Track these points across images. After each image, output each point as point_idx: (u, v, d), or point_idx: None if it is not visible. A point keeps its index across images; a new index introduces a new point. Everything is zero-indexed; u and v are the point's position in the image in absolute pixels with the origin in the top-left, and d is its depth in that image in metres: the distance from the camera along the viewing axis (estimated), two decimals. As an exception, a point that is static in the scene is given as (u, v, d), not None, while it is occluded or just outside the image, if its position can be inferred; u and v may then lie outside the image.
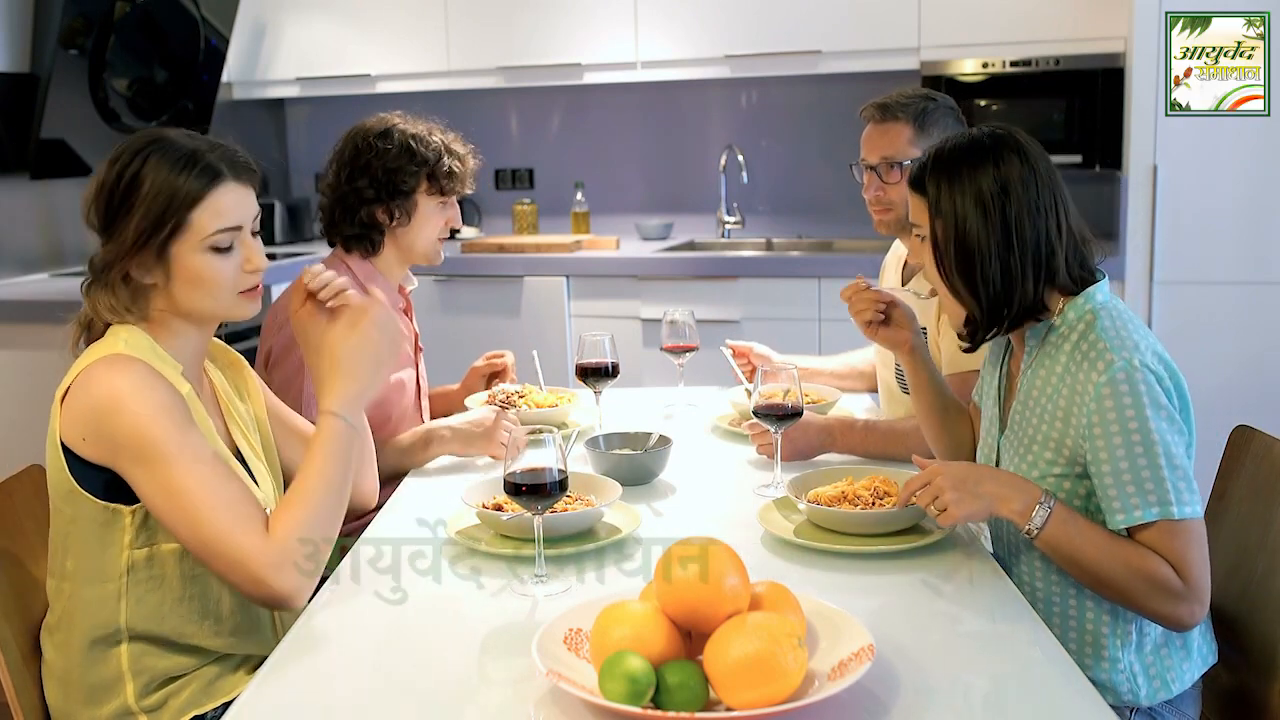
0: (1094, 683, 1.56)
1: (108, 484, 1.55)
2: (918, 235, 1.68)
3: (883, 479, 1.79)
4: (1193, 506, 1.49)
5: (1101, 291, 1.62)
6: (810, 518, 1.75)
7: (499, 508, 1.73)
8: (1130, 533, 1.52)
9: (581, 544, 1.68)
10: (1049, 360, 1.62)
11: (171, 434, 1.50)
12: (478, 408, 2.27)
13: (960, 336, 1.69)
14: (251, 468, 1.70)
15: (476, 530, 1.76)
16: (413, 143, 2.22)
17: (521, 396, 2.41)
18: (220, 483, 1.51)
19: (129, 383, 1.51)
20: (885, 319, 1.91)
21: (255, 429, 1.78)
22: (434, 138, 2.26)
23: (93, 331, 1.63)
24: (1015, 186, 1.58)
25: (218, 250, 1.58)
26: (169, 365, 1.59)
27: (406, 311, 2.41)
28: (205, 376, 1.72)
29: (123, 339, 1.58)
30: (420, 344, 2.46)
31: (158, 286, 1.59)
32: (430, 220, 2.29)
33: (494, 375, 2.55)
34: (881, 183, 2.26)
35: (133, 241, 1.55)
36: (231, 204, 1.59)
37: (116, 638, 1.59)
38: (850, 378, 2.62)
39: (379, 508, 1.95)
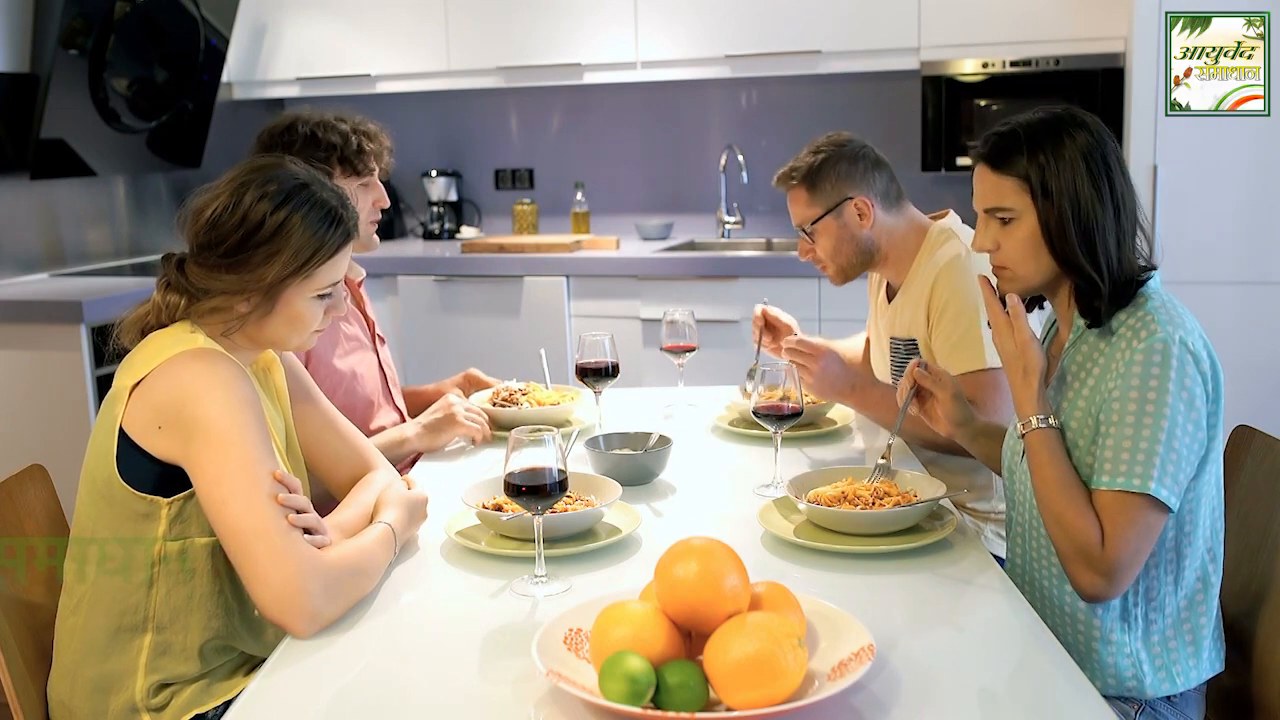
0: (1099, 666, 1.58)
1: (158, 476, 1.55)
2: (1001, 219, 1.63)
3: (882, 479, 1.79)
4: (1167, 490, 1.49)
5: (1154, 279, 1.62)
6: (810, 518, 1.75)
7: (499, 508, 1.73)
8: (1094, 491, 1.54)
9: (581, 544, 1.69)
10: (1093, 338, 1.62)
11: (246, 429, 1.51)
12: (440, 400, 2.33)
13: (1082, 313, 1.63)
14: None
15: (476, 530, 1.76)
16: (317, 131, 2.22)
17: (525, 394, 2.42)
18: (279, 489, 1.51)
19: (218, 375, 1.53)
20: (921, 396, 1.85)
21: (283, 431, 1.78)
22: (341, 124, 2.25)
23: (147, 330, 1.64)
24: (1112, 155, 1.59)
25: (321, 298, 1.66)
26: None
27: (357, 303, 2.41)
28: None
29: (200, 336, 1.59)
30: (380, 334, 2.46)
31: (244, 315, 1.61)
32: (354, 203, 2.28)
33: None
34: (809, 245, 2.32)
35: (266, 280, 1.58)
36: (345, 262, 1.68)
37: (142, 627, 1.59)
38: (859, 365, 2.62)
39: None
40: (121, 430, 1.55)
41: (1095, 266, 1.57)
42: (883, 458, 1.83)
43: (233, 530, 1.48)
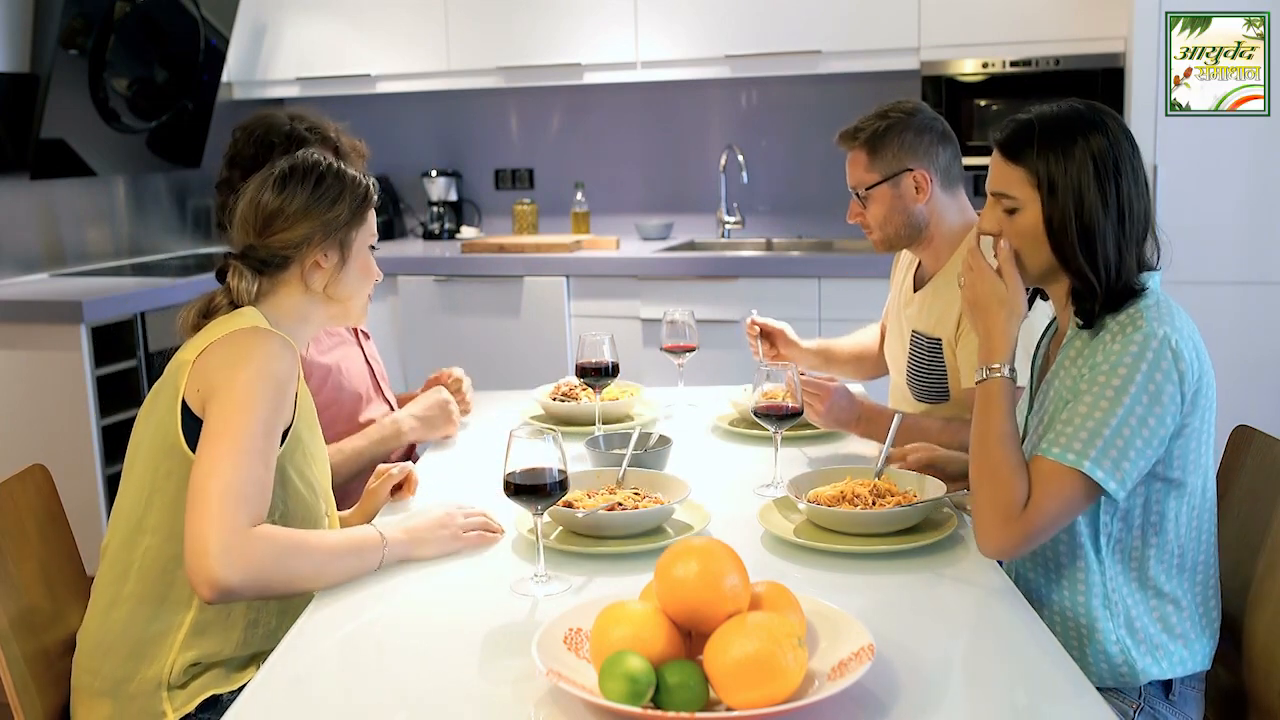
0: (1091, 659, 1.59)
1: None
2: (1006, 207, 1.63)
3: (883, 478, 1.79)
4: (1104, 473, 1.49)
5: (1154, 279, 1.62)
6: (810, 517, 1.75)
7: (569, 505, 1.73)
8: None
9: (654, 540, 1.69)
10: (1087, 334, 1.63)
11: (262, 401, 1.57)
12: (432, 391, 2.37)
13: (1077, 314, 1.64)
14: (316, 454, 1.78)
15: (544, 527, 1.75)
16: (258, 129, 2.27)
17: (585, 390, 2.43)
18: (257, 464, 1.54)
19: (263, 349, 1.61)
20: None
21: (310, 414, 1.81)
22: (283, 125, 2.27)
23: (213, 311, 1.73)
24: (1126, 160, 1.58)
25: (373, 249, 1.85)
26: None
27: None
28: None
29: (258, 319, 1.68)
30: (364, 330, 2.46)
31: (327, 271, 1.76)
32: None
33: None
34: (860, 209, 2.28)
35: (340, 220, 1.76)
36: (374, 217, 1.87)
37: (188, 602, 1.63)
38: (865, 363, 2.63)
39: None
40: (184, 400, 1.61)
41: (1093, 268, 1.57)
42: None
43: (196, 477, 1.52)
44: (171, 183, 4.73)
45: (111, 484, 3.53)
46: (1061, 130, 1.60)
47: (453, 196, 5.01)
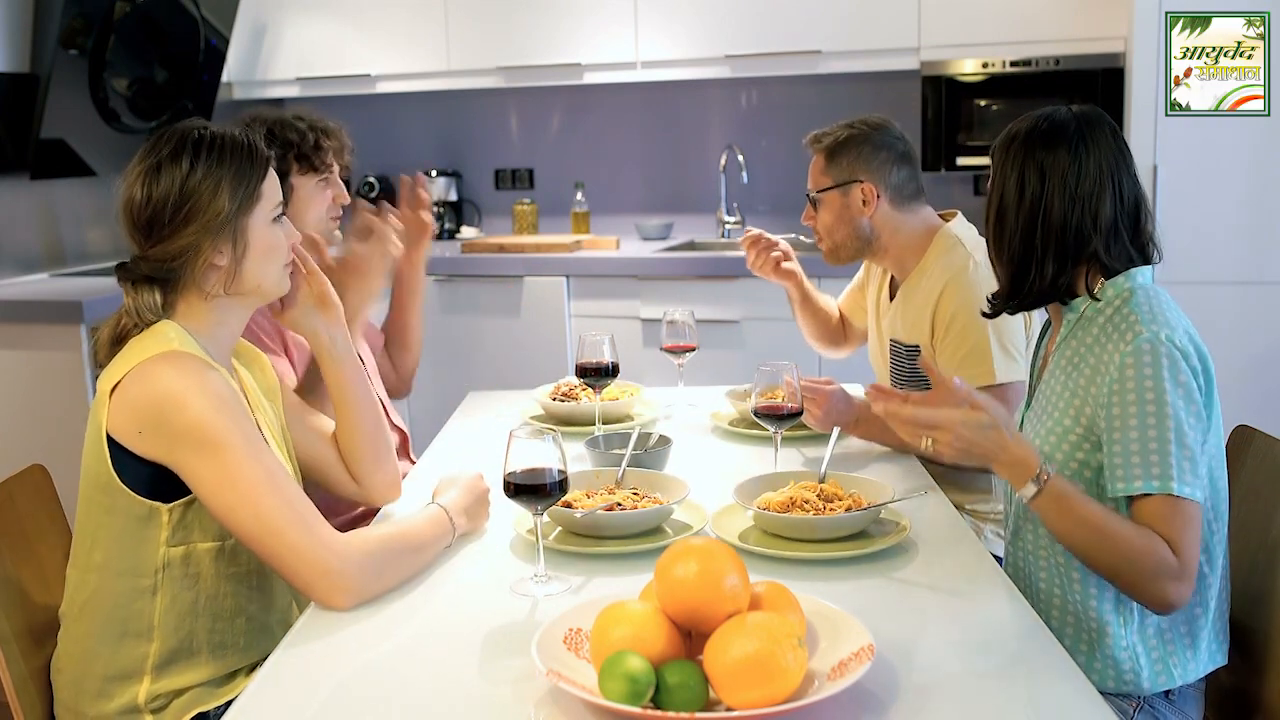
0: (1097, 662, 1.59)
1: (152, 478, 1.55)
2: None
3: (832, 482, 1.81)
4: (1193, 488, 1.49)
5: (1143, 274, 1.64)
6: (759, 524, 1.74)
7: (568, 505, 1.73)
8: (1128, 503, 1.53)
9: (653, 540, 1.69)
10: (1081, 333, 1.64)
11: (234, 427, 1.52)
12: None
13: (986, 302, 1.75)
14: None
15: (544, 527, 1.75)
16: (274, 129, 2.22)
17: (584, 390, 2.43)
18: (284, 478, 1.54)
19: (192, 377, 1.52)
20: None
21: (280, 429, 1.78)
22: (298, 121, 2.25)
23: (123, 335, 1.62)
24: (1052, 176, 1.62)
25: (277, 221, 1.67)
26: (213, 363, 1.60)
27: None
28: (235, 374, 1.72)
29: (172, 336, 1.58)
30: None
31: (225, 267, 1.60)
32: (313, 200, 2.28)
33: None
34: (812, 212, 2.36)
35: (223, 213, 1.58)
36: (276, 181, 1.69)
37: (148, 635, 1.59)
38: (820, 325, 2.70)
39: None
40: (109, 434, 1.55)
41: (1000, 262, 1.68)
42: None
43: (250, 534, 1.51)
44: (171, 183, 4.72)
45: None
46: (1016, 134, 1.69)
47: (453, 196, 5.01)
